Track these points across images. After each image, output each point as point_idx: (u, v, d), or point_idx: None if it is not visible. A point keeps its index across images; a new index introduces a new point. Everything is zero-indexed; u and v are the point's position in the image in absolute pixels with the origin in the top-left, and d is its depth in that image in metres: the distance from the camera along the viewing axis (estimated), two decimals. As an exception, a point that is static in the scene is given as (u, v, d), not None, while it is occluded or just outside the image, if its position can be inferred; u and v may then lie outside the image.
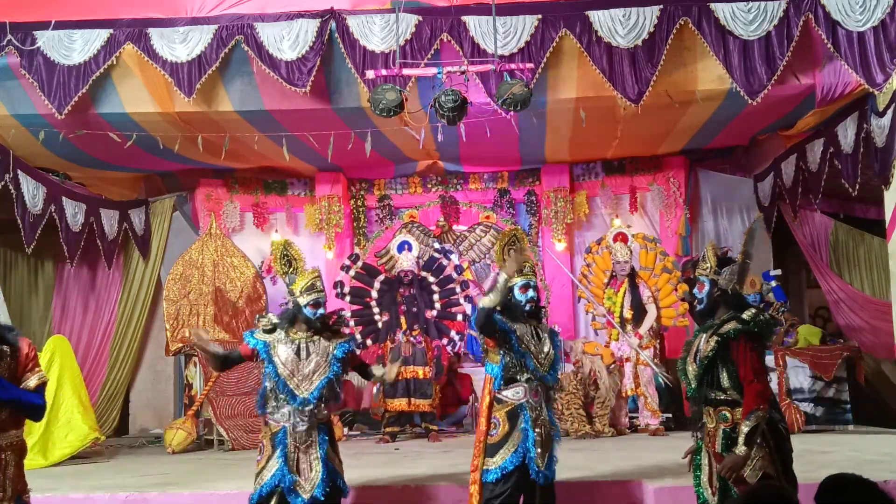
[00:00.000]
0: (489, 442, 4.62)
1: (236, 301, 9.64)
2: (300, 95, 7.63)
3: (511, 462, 4.53)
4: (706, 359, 3.90)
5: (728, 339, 3.88)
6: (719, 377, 3.89)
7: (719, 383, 3.89)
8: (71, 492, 5.99)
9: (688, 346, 4.14)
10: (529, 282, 4.75)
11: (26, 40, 7.56)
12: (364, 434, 9.52)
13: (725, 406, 3.87)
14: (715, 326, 3.98)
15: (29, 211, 8.29)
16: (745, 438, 3.70)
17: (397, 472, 6.36)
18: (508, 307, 4.70)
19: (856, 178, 7.70)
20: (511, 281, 4.70)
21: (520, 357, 4.61)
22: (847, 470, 2.90)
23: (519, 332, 4.65)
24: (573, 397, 8.53)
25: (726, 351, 3.88)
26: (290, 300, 4.87)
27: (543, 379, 4.67)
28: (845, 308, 9.31)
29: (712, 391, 3.91)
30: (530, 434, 4.54)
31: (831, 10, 7.09)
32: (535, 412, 4.60)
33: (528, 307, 4.73)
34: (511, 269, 4.61)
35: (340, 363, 4.75)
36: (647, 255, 9.21)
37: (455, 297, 8.98)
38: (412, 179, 11.22)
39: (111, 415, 10.20)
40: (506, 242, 4.98)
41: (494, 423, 4.63)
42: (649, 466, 6.11)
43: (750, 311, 3.97)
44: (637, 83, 7.45)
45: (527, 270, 4.80)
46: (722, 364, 3.89)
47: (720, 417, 3.88)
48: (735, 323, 3.91)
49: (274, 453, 4.60)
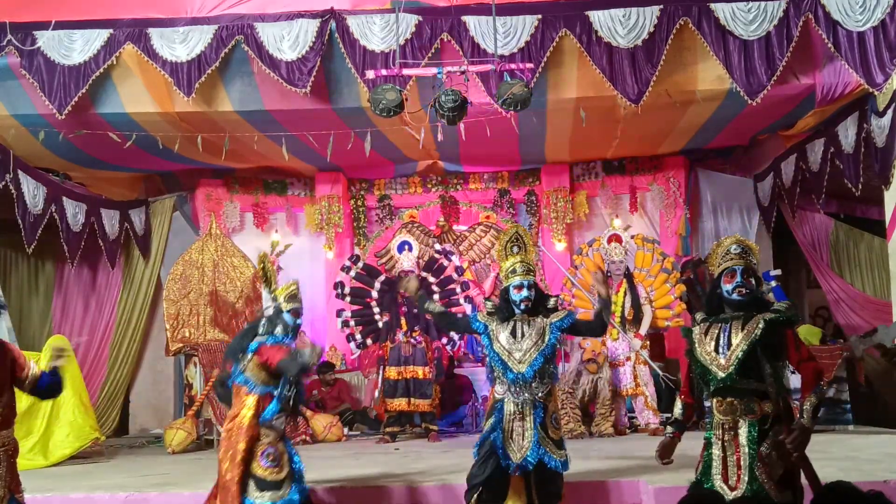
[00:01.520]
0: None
1: (235, 302, 9.64)
2: (300, 95, 7.64)
3: (483, 438, 4.77)
4: (752, 344, 3.82)
5: (776, 324, 3.85)
6: (761, 367, 3.85)
7: (759, 373, 3.85)
8: (71, 492, 5.98)
9: (690, 337, 4.06)
10: (523, 281, 4.80)
11: (26, 40, 7.57)
12: (364, 434, 9.52)
13: (754, 397, 3.83)
14: (742, 317, 3.92)
15: (29, 211, 8.29)
16: (812, 412, 3.70)
17: (397, 472, 6.36)
18: (507, 307, 4.83)
19: (858, 178, 7.71)
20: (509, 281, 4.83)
21: (495, 358, 4.78)
22: (847, 470, 2.91)
23: (499, 334, 4.77)
24: (569, 397, 8.52)
25: (771, 337, 3.85)
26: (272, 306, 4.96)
27: (520, 376, 4.72)
28: (845, 308, 9.32)
29: (745, 380, 3.86)
30: (499, 425, 4.72)
31: (831, 10, 7.10)
32: (514, 406, 4.74)
33: (523, 306, 4.79)
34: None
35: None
36: (644, 256, 9.20)
37: (455, 298, 8.98)
38: (412, 179, 11.23)
39: (111, 415, 10.20)
40: (508, 240, 5.00)
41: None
42: (649, 466, 6.10)
43: (783, 303, 3.97)
44: (637, 83, 7.46)
45: (521, 270, 4.82)
46: (763, 353, 3.85)
47: (746, 409, 3.83)
48: (771, 313, 3.89)
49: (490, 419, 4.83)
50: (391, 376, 8.61)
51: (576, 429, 8.39)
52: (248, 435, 4.62)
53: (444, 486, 5.69)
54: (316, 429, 8.88)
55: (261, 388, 4.69)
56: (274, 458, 4.63)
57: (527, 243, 5.01)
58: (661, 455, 4.20)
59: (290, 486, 4.62)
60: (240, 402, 4.74)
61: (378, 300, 8.99)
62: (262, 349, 4.67)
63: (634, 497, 5.53)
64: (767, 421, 3.80)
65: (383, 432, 8.70)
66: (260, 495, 4.56)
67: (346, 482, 5.91)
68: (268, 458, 4.59)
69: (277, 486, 4.58)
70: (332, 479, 5.94)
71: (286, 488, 4.60)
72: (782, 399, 3.83)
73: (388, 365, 8.67)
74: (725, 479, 3.82)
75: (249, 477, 4.60)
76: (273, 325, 4.84)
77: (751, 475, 3.75)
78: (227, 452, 4.71)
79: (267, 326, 4.83)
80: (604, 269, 9.11)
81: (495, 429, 4.72)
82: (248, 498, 4.57)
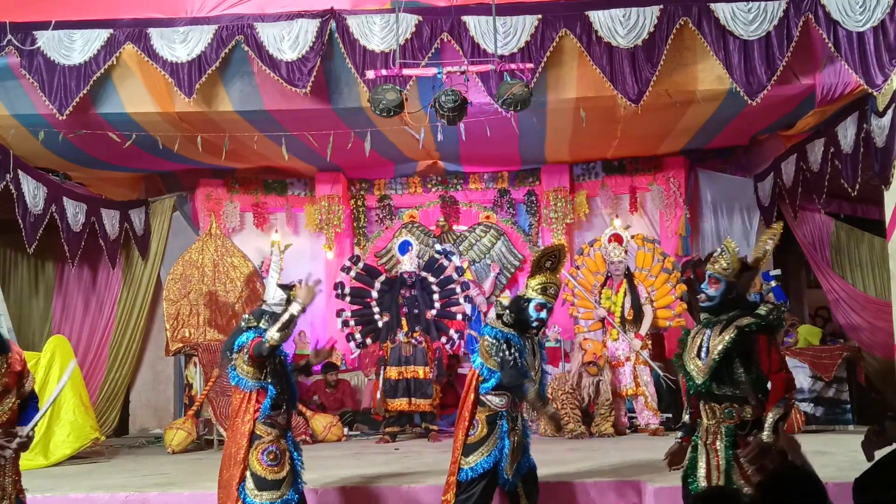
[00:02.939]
0: (468, 442, 4.70)
1: (235, 302, 9.64)
2: (300, 95, 7.63)
3: (485, 464, 4.62)
4: (723, 351, 3.85)
5: (749, 332, 3.86)
6: (732, 372, 3.87)
7: (732, 378, 3.86)
8: (71, 492, 5.99)
9: (683, 342, 4.12)
10: (547, 304, 4.78)
11: (26, 40, 7.56)
12: (364, 434, 9.52)
13: (733, 402, 3.85)
14: (724, 322, 3.95)
15: (30, 211, 8.29)
16: (772, 425, 3.70)
17: (397, 472, 6.36)
18: (520, 320, 4.76)
19: (855, 179, 7.70)
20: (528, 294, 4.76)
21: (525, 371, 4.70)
22: (847, 470, 2.92)
23: (524, 348, 4.74)
24: (569, 397, 8.53)
25: (744, 344, 3.86)
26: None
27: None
28: (846, 307, 9.32)
29: (721, 387, 3.88)
30: (506, 442, 4.64)
31: (831, 10, 7.09)
32: (512, 421, 4.71)
33: (535, 325, 4.78)
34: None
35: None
36: (644, 256, 9.20)
37: (455, 297, 8.99)
38: (412, 179, 11.22)
39: (111, 415, 10.20)
40: (546, 254, 4.86)
41: (474, 423, 4.70)
42: (649, 466, 6.10)
43: (765, 306, 3.97)
44: (637, 83, 7.44)
45: (551, 292, 4.78)
46: (737, 360, 3.86)
47: (725, 414, 3.86)
48: (751, 318, 3.89)
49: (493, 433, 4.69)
50: (392, 376, 8.62)
51: (576, 429, 8.40)
52: (247, 432, 4.62)
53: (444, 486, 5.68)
54: (316, 429, 8.88)
55: (252, 383, 4.66)
56: (275, 457, 4.61)
57: (561, 264, 4.92)
58: (671, 462, 4.23)
59: (289, 487, 4.61)
60: (237, 399, 4.73)
61: (378, 300, 9.00)
62: (249, 343, 4.62)
63: (634, 497, 5.53)
64: (747, 426, 3.82)
65: (383, 432, 8.70)
66: (258, 494, 4.55)
67: (346, 482, 5.91)
68: (268, 456, 4.57)
69: (276, 485, 4.57)
70: (332, 479, 5.94)
71: (285, 488, 4.59)
72: (762, 405, 3.85)
73: (389, 365, 8.68)
74: (708, 480, 3.87)
75: (249, 474, 4.59)
76: (275, 320, 4.80)
77: (727, 479, 3.79)
78: (228, 450, 4.72)
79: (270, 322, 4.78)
80: (604, 269, 9.12)
81: (502, 452, 4.64)
82: (248, 497, 4.56)
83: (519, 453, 4.76)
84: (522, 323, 4.76)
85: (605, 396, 8.58)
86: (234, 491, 4.57)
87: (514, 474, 4.73)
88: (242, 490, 4.56)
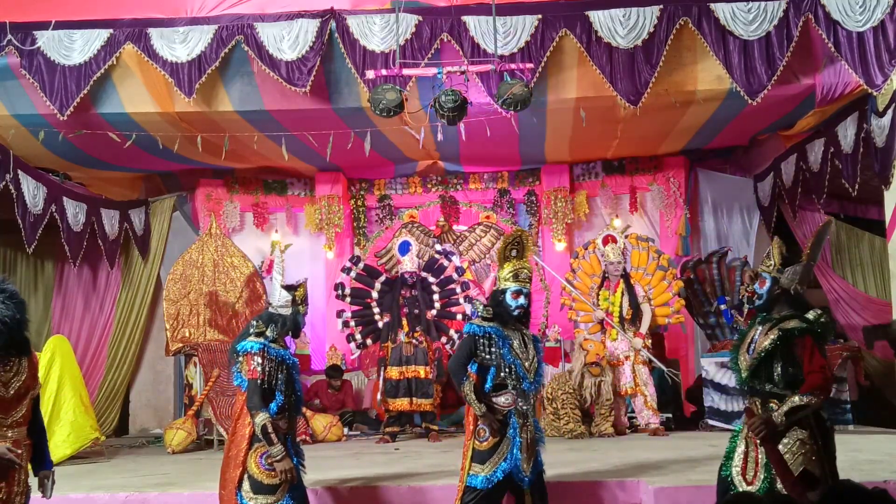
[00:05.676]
0: (477, 448, 4.59)
1: (235, 302, 9.64)
2: (300, 95, 7.64)
3: (500, 472, 4.53)
4: (764, 351, 3.89)
5: (792, 335, 3.88)
6: (772, 371, 3.90)
7: (771, 376, 3.89)
8: (71, 492, 5.97)
9: (741, 337, 4.17)
10: (522, 289, 4.69)
11: (26, 40, 7.57)
12: (364, 434, 9.52)
13: (774, 399, 3.89)
14: (774, 321, 3.97)
15: (30, 211, 8.29)
16: (788, 409, 3.73)
17: (397, 472, 6.36)
18: (499, 312, 4.68)
19: (855, 179, 7.71)
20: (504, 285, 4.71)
21: (511, 364, 4.60)
22: (847, 470, 2.91)
23: (511, 339, 4.65)
24: (569, 397, 8.52)
25: (787, 347, 3.88)
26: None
27: (531, 386, 4.69)
28: (846, 307, 9.32)
29: (762, 383, 3.92)
30: (517, 440, 4.56)
31: (831, 10, 7.10)
32: (522, 418, 4.63)
33: (516, 313, 4.70)
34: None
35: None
36: (639, 255, 9.20)
37: (455, 297, 8.98)
38: (412, 179, 11.23)
39: (111, 415, 10.20)
40: (508, 243, 4.89)
41: (482, 429, 4.59)
42: (649, 466, 6.10)
43: (815, 311, 3.98)
44: (637, 83, 7.45)
45: (523, 277, 4.76)
46: (779, 359, 3.89)
47: (767, 410, 3.89)
48: (798, 321, 3.90)
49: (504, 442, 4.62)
50: (393, 376, 8.61)
51: (576, 429, 8.39)
52: (248, 435, 4.61)
53: (444, 486, 5.68)
54: (316, 429, 8.88)
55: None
56: (272, 462, 4.60)
57: (526, 248, 4.91)
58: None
59: (284, 493, 4.57)
60: (240, 401, 4.73)
61: (378, 301, 9.00)
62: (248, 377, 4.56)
63: (634, 497, 5.53)
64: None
65: (383, 432, 8.70)
66: (254, 497, 4.53)
67: (346, 482, 5.91)
68: (266, 459, 4.56)
69: (272, 490, 4.53)
70: (333, 479, 5.94)
71: (281, 493, 4.56)
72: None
73: (390, 365, 8.67)
74: (744, 473, 3.92)
75: (247, 476, 4.59)
76: (285, 326, 4.76)
77: (766, 473, 3.84)
78: (229, 451, 4.71)
79: (278, 328, 4.72)
80: (600, 271, 9.10)
81: (513, 451, 4.55)
82: (244, 498, 4.55)
83: (533, 449, 4.69)
84: (505, 315, 4.70)
85: (607, 397, 8.57)
86: (233, 493, 4.57)
87: (532, 469, 4.63)
88: (239, 492, 4.56)
